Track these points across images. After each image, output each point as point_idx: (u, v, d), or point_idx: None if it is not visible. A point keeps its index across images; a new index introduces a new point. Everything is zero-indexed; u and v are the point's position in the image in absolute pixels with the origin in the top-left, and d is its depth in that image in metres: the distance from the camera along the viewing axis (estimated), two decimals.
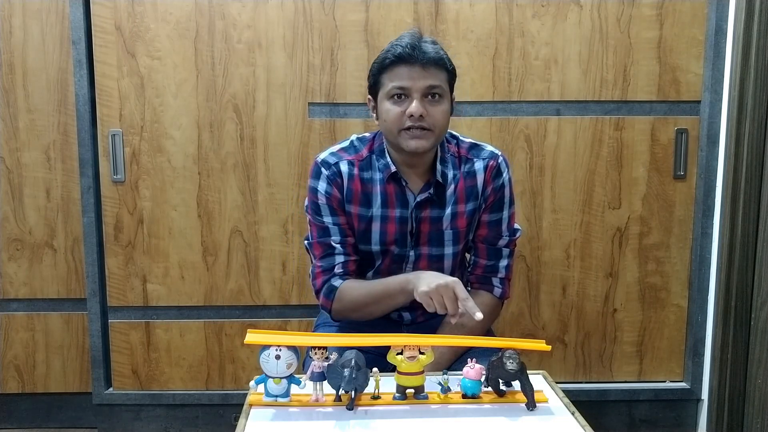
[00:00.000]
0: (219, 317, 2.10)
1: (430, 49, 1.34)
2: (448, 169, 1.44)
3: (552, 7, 1.98)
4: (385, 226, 1.43)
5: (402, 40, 1.34)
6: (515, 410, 1.13)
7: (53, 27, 2.01)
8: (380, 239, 1.44)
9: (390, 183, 1.42)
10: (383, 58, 1.36)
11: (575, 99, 2.03)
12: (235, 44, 1.99)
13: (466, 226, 1.45)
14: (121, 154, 2.02)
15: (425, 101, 1.33)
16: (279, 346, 1.10)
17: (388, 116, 1.35)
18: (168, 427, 2.17)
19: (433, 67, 1.33)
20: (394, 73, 1.34)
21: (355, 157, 1.45)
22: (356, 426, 1.06)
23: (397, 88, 1.33)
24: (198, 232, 2.06)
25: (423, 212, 1.43)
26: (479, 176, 1.44)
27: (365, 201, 1.43)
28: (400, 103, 1.34)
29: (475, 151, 1.47)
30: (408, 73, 1.32)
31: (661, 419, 2.19)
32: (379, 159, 1.43)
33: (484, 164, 1.45)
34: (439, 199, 1.43)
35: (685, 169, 2.06)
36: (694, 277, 2.11)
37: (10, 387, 2.16)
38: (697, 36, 2.00)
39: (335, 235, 1.43)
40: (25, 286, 2.12)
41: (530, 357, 2.03)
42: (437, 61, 1.34)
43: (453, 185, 1.44)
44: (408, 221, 1.43)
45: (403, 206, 1.43)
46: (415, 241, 1.45)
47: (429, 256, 1.46)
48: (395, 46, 1.34)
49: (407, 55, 1.32)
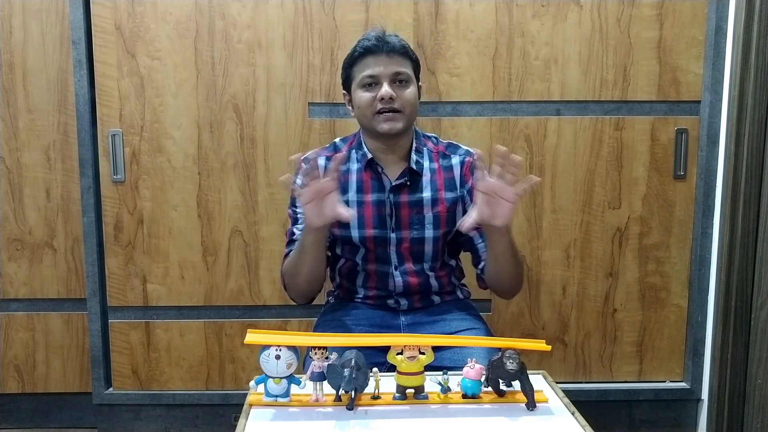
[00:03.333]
0: (219, 317, 2.11)
1: (394, 40, 1.47)
2: (424, 159, 1.54)
3: (552, 7, 1.98)
4: (361, 210, 1.51)
5: (368, 35, 1.49)
6: (515, 410, 1.13)
7: (53, 27, 2.01)
8: (358, 223, 1.51)
9: (366, 170, 1.52)
10: (352, 52, 1.49)
11: (575, 99, 2.03)
12: (235, 44, 1.99)
13: (446, 212, 1.52)
14: (121, 154, 2.02)
15: (394, 86, 1.45)
16: (279, 346, 1.10)
17: (361, 102, 1.47)
18: (168, 427, 2.17)
19: (398, 56, 1.46)
20: (364, 64, 1.46)
21: (334, 153, 1.55)
22: (356, 426, 1.06)
23: (368, 77, 1.45)
24: (198, 232, 2.06)
25: (400, 197, 1.51)
26: (456, 170, 1.54)
27: (341, 190, 1.50)
28: (371, 89, 1.46)
29: (452, 149, 1.58)
30: (375, 62, 1.45)
31: (661, 419, 2.19)
32: (357, 151, 1.55)
33: (461, 159, 1.55)
34: (414, 185, 1.51)
35: (685, 169, 2.06)
36: (694, 277, 2.11)
37: (10, 387, 2.16)
38: (697, 36, 2.00)
39: (300, 224, 1.51)
40: (25, 286, 2.12)
41: (530, 357, 2.03)
42: (401, 50, 1.47)
43: (430, 174, 1.53)
44: (385, 204, 1.51)
45: (380, 191, 1.52)
46: (396, 225, 1.51)
47: (411, 240, 1.51)
48: (362, 41, 1.48)
49: (373, 47, 1.45)
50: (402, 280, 1.53)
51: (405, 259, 1.52)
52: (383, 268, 1.53)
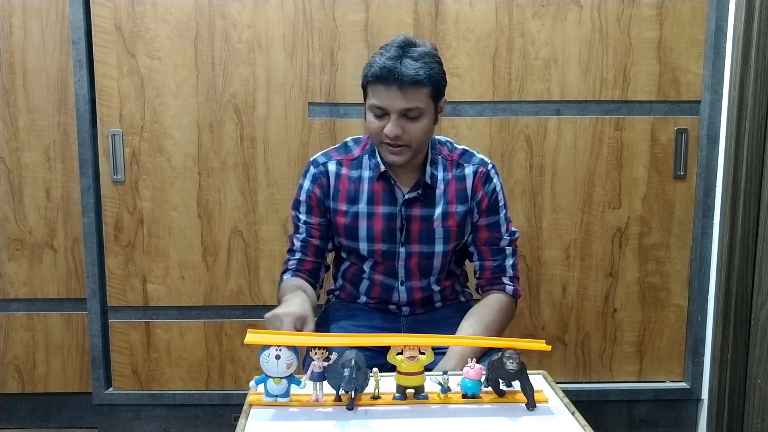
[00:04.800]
0: (219, 317, 2.11)
1: (410, 69, 1.32)
2: (438, 170, 1.48)
3: (552, 7, 1.98)
4: (371, 222, 1.47)
5: (388, 50, 1.35)
6: (515, 410, 1.13)
7: (53, 27, 2.01)
8: (367, 235, 1.47)
9: (379, 181, 1.47)
10: (366, 73, 1.37)
11: (575, 99, 2.03)
12: (235, 44, 1.99)
13: (456, 227, 1.48)
14: (121, 154, 2.02)
15: (402, 120, 1.35)
16: (279, 346, 1.10)
17: (370, 128, 1.41)
18: (168, 427, 2.17)
19: (411, 88, 1.33)
20: (375, 90, 1.35)
21: (346, 156, 1.50)
22: (356, 426, 1.06)
23: (376, 107, 1.36)
24: (198, 232, 2.06)
25: (412, 210, 1.46)
26: (468, 180, 1.48)
27: (351, 198, 1.47)
28: (380, 119, 1.37)
29: (467, 157, 1.51)
30: (386, 94, 1.33)
31: (661, 419, 2.19)
32: (370, 158, 1.48)
33: (474, 170, 1.49)
34: (427, 198, 1.46)
35: (685, 169, 2.06)
36: (694, 277, 2.11)
37: (10, 387, 2.16)
38: (697, 36, 2.00)
39: (301, 233, 1.50)
40: (25, 286, 2.12)
41: (530, 357, 2.03)
42: (414, 82, 1.32)
43: (443, 186, 1.47)
44: (396, 218, 1.46)
45: (391, 203, 1.46)
46: (405, 239, 1.47)
47: (419, 254, 1.48)
48: (377, 59, 1.34)
49: (384, 77, 1.32)
50: (407, 294, 1.52)
51: (412, 274, 1.50)
52: (389, 282, 1.52)
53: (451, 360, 1.36)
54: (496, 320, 1.45)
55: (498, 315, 1.46)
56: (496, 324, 1.45)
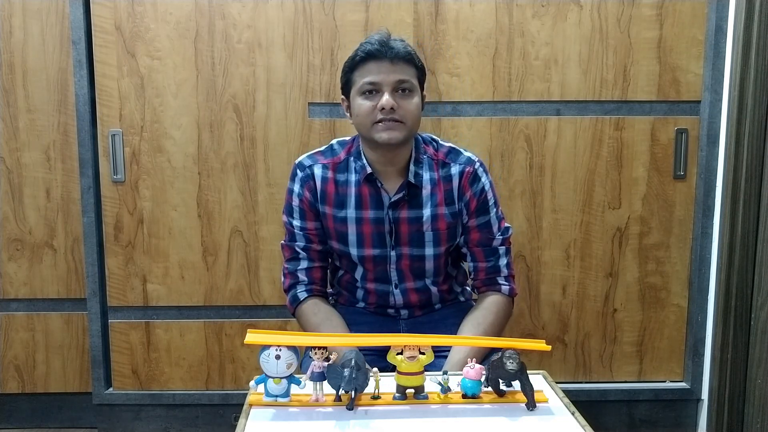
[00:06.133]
0: (219, 317, 2.11)
1: (399, 45, 1.38)
2: (423, 170, 1.45)
3: (552, 7, 1.98)
4: (360, 227, 1.45)
5: (371, 39, 1.39)
6: (515, 410, 1.13)
7: (53, 27, 2.01)
8: (357, 240, 1.46)
9: (365, 185, 1.44)
10: (354, 56, 1.40)
11: (575, 99, 2.03)
12: (235, 44, 1.99)
13: (446, 229, 1.46)
14: (121, 154, 2.02)
15: (396, 95, 1.36)
16: (279, 346, 1.10)
17: (360, 111, 1.38)
18: (168, 427, 2.17)
19: (402, 63, 1.37)
20: (365, 70, 1.37)
21: (332, 160, 1.48)
22: (356, 426, 1.06)
23: (368, 84, 1.36)
24: (198, 232, 2.06)
25: (400, 213, 1.45)
26: (455, 181, 1.46)
27: (339, 203, 1.45)
28: (372, 97, 1.37)
29: (453, 156, 1.48)
30: (378, 69, 1.36)
31: (661, 419, 2.19)
32: (356, 161, 1.46)
33: (461, 169, 1.46)
34: (414, 200, 1.44)
35: (685, 169, 2.06)
36: (694, 277, 2.11)
37: (10, 387, 2.16)
38: (697, 36, 2.00)
39: (300, 241, 1.49)
40: (25, 286, 2.12)
41: (530, 357, 2.03)
42: (405, 57, 1.37)
43: (430, 187, 1.45)
44: (384, 222, 1.45)
45: (378, 207, 1.45)
46: (395, 242, 1.46)
47: (410, 257, 1.47)
48: (365, 44, 1.39)
49: (376, 51, 1.36)
50: (402, 297, 1.51)
51: (405, 276, 1.49)
52: (383, 287, 1.51)
53: (452, 366, 1.36)
54: (494, 323, 1.45)
55: (495, 318, 1.46)
56: (494, 327, 1.45)
